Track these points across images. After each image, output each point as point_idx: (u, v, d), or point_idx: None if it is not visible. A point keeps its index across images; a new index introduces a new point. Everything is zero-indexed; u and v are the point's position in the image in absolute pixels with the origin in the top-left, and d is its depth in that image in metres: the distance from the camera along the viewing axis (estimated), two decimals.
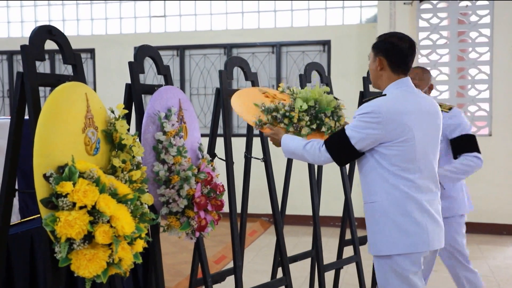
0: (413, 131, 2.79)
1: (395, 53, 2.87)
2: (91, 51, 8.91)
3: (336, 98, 3.52)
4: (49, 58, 8.87)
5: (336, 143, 2.88)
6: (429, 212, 2.85)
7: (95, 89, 8.79)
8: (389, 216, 2.83)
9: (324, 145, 2.92)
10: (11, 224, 2.83)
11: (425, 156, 2.85)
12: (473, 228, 7.54)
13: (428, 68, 7.73)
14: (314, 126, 3.37)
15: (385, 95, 2.87)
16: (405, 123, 2.77)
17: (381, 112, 2.76)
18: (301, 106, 3.34)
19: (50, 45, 2.69)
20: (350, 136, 2.81)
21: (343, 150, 2.86)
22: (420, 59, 7.76)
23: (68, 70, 2.71)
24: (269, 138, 3.23)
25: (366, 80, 4.54)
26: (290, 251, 5.48)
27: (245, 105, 3.42)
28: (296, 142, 3.04)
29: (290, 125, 3.32)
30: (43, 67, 8.86)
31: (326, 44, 8.17)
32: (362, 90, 4.56)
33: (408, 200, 2.81)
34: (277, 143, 3.19)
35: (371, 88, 4.66)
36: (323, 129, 3.36)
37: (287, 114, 3.32)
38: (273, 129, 3.24)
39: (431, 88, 4.09)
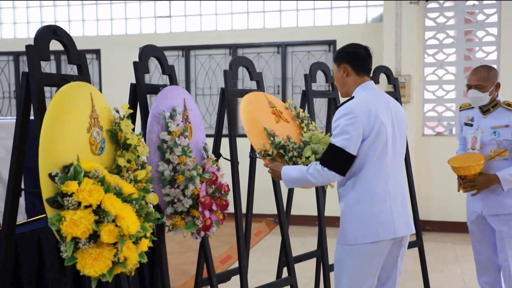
0: (384, 125, 3.00)
1: (355, 58, 3.12)
2: (97, 52, 8.93)
3: None
4: (55, 59, 8.90)
5: (334, 159, 2.97)
6: (395, 201, 3.03)
7: (100, 90, 8.80)
8: (357, 208, 3.02)
9: (321, 168, 2.99)
10: (18, 223, 2.84)
11: (394, 148, 3.07)
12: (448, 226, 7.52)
13: (434, 68, 7.72)
14: None
15: (353, 97, 3.10)
16: (377, 116, 2.98)
17: (354, 111, 2.95)
18: (308, 157, 3.43)
19: (56, 45, 2.70)
20: (343, 146, 2.93)
21: (343, 162, 2.96)
22: (426, 59, 7.74)
23: (74, 70, 2.72)
24: (268, 170, 3.28)
25: (372, 80, 4.52)
26: (296, 251, 5.47)
27: (253, 122, 3.44)
28: (298, 170, 3.11)
29: (290, 163, 3.43)
30: (49, 67, 8.88)
31: (331, 44, 8.16)
32: None
33: (374, 191, 3.00)
34: (277, 175, 3.23)
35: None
36: None
37: (293, 159, 3.42)
38: (274, 163, 3.31)
39: (498, 86, 3.90)
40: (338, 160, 2.95)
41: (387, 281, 3.19)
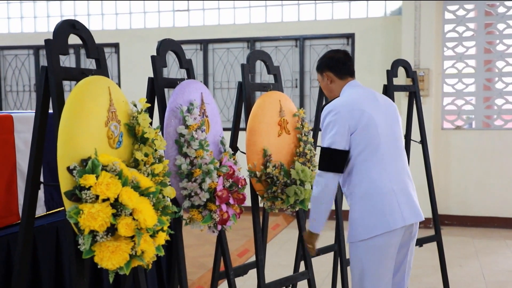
0: (372, 116, 3.03)
1: (335, 63, 3.21)
2: (116, 46, 8.97)
3: None
4: (74, 52, 8.96)
5: (328, 159, 3.01)
6: (399, 191, 3.05)
7: (119, 83, 8.85)
8: (364, 202, 3.03)
9: (319, 172, 3.04)
10: (37, 216, 2.87)
11: (391, 140, 3.10)
12: (500, 222, 7.48)
13: (454, 61, 7.65)
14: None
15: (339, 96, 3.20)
16: (362, 109, 3.02)
17: (336, 108, 3.03)
18: (288, 198, 3.52)
19: (75, 39, 2.72)
20: (331, 144, 2.99)
21: (336, 160, 3.01)
22: (446, 52, 7.67)
23: (93, 64, 2.74)
24: (306, 239, 3.29)
25: (390, 74, 4.50)
26: None
27: (256, 136, 3.49)
28: (311, 207, 3.13)
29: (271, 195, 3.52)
30: (68, 61, 8.95)
31: (350, 37, 8.12)
32: (386, 83, 4.52)
33: (377, 184, 3.01)
34: (311, 236, 3.22)
35: (395, 81, 4.64)
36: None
37: (275, 192, 3.50)
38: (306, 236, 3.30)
39: None
40: (331, 159, 2.99)
41: (396, 273, 3.19)
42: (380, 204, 3.00)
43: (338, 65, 3.21)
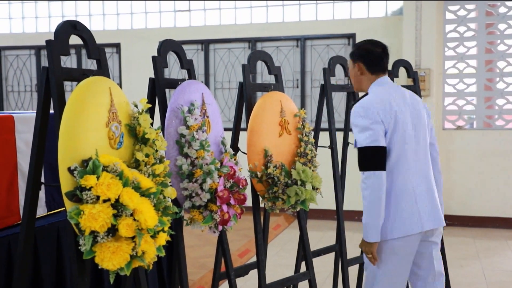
0: (401, 116, 3.00)
1: (371, 57, 3.14)
2: (117, 46, 8.98)
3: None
4: (76, 53, 8.96)
5: (371, 159, 2.94)
6: (420, 194, 3.02)
7: (120, 84, 8.86)
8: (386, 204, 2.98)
9: (365, 175, 2.94)
10: (38, 216, 2.87)
11: (416, 141, 3.07)
12: (501, 223, 7.47)
13: (455, 61, 7.65)
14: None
15: (367, 93, 3.13)
16: (394, 110, 2.99)
17: (371, 106, 2.98)
18: (289, 198, 3.50)
19: (77, 39, 2.72)
20: (370, 143, 2.93)
21: (378, 157, 2.93)
22: (447, 52, 7.68)
23: (94, 64, 2.74)
24: (364, 250, 3.12)
25: (391, 74, 4.50)
26: (315, 246, 5.47)
27: (256, 137, 3.48)
28: (364, 214, 3.00)
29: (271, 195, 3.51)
30: (70, 61, 8.95)
31: (351, 37, 8.12)
32: None
33: (399, 185, 2.98)
34: (368, 245, 3.05)
35: (396, 81, 4.63)
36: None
37: (276, 193, 3.49)
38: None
39: None
40: (374, 157, 2.92)
41: (424, 280, 3.15)
42: (399, 207, 2.97)
43: (374, 60, 3.14)
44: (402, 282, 3.07)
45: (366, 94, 3.12)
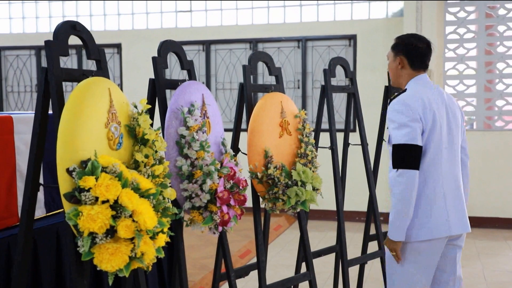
0: (439, 118, 2.96)
1: (414, 52, 3.08)
2: (118, 46, 8.98)
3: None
4: (76, 53, 8.96)
5: (406, 157, 2.88)
6: (449, 198, 2.99)
7: (121, 84, 8.85)
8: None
9: (398, 172, 2.89)
10: (37, 218, 2.87)
11: (451, 143, 3.03)
12: (501, 223, 7.46)
13: (455, 63, 7.64)
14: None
15: (406, 90, 3.03)
16: (433, 110, 2.95)
17: (409, 104, 2.93)
18: (289, 199, 3.48)
19: (77, 40, 2.72)
20: (407, 141, 2.88)
21: (414, 157, 2.88)
22: (447, 53, 7.68)
23: (95, 65, 2.74)
24: (388, 247, 3.08)
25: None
26: (315, 246, 5.47)
27: (257, 137, 3.47)
28: (392, 211, 2.96)
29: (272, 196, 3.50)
30: (70, 61, 8.95)
31: (352, 38, 8.12)
32: (387, 84, 4.52)
33: (430, 187, 2.94)
34: (393, 243, 3.02)
35: None
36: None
37: (276, 193, 3.47)
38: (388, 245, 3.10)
39: None
40: (409, 155, 2.88)
41: (445, 284, 3.12)
42: (429, 209, 2.93)
43: (417, 55, 3.09)
44: (424, 284, 3.03)
45: (404, 90, 3.06)
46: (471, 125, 7.80)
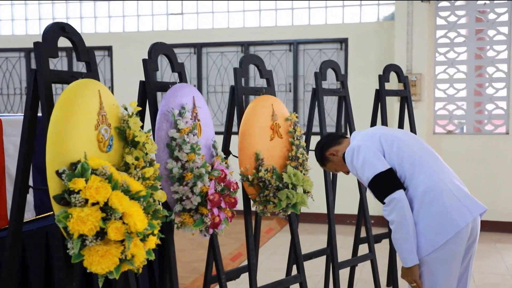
0: (391, 134, 3.12)
1: (329, 141, 3.35)
2: (109, 49, 8.95)
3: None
4: (66, 55, 8.92)
5: (384, 184, 2.96)
6: (454, 187, 2.99)
7: (112, 87, 8.83)
8: (425, 211, 2.94)
9: (386, 200, 2.94)
10: (27, 220, 2.85)
11: (419, 146, 3.13)
12: (490, 226, 7.48)
13: (445, 66, 7.68)
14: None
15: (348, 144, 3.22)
16: (378, 134, 3.11)
17: (358, 144, 3.08)
18: (280, 201, 3.50)
19: (67, 42, 2.70)
20: (376, 171, 2.97)
21: (390, 180, 2.96)
22: (437, 57, 7.70)
23: (85, 67, 2.72)
24: (406, 280, 3.04)
25: (382, 78, 4.51)
26: (307, 249, 5.46)
27: (248, 140, 3.49)
28: (396, 239, 2.97)
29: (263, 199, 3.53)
30: (60, 64, 8.92)
31: (343, 42, 8.13)
32: (378, 88, 4.53)
33: (431, 186, 2.95)
34: (409, 271, 2.98)
35: (387, 86, 4.64)
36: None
37: (267, 196, 3.50)
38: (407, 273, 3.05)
39: None
40: (386, 181, 2.95)
41: (460, 280, 3.08)
42: (442, 205, 2.91)
43: (332, 139, 3.34)
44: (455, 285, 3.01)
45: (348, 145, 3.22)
46: (461, 128, 7.83)
